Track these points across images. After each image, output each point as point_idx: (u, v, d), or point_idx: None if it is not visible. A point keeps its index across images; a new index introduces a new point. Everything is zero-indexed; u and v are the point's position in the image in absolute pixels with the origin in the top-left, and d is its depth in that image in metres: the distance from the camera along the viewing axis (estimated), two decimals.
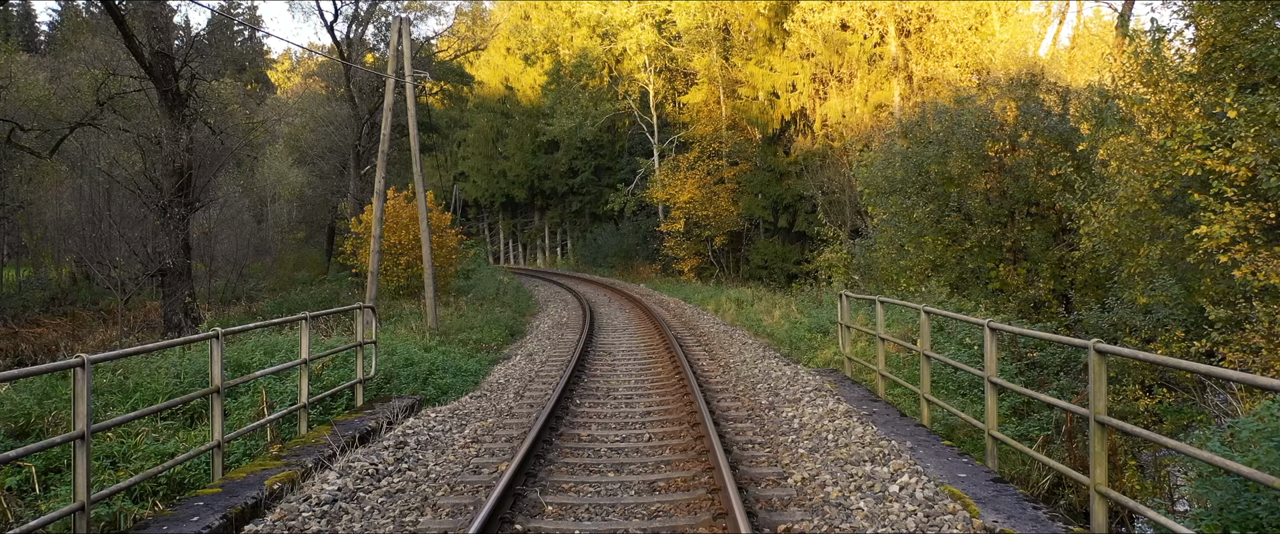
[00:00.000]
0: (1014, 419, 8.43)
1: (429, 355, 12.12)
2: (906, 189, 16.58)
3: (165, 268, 16.86)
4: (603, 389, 10.35)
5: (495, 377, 11.86)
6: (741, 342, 14.49)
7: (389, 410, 8.50)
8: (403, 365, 10.92)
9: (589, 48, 48.27)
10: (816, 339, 13.74)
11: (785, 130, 35.83)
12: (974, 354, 10.85)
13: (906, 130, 16.99)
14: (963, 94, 17.78)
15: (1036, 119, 15.82)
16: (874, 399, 8.77)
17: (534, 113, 52.78)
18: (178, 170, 16.75)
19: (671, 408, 9.00)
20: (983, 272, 15.87)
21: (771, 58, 35.14)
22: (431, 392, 10.14)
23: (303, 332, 7.43)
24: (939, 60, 30.10)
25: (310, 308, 23.10)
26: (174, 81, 16.41)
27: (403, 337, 14.39)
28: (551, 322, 19.94)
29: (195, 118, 17.28)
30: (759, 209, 36.24)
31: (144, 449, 7.20)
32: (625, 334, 16.56)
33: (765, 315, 18.23)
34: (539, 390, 10.42)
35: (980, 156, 15.94)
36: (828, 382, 9.75)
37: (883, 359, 9.05)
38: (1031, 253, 15.55)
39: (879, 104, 31.08)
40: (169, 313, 17.10)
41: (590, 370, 11.92)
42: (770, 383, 10.04)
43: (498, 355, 14.69)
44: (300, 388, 7.46)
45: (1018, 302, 15.05)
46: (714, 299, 23.27)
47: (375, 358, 9.38)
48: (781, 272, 34.85)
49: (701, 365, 12.08)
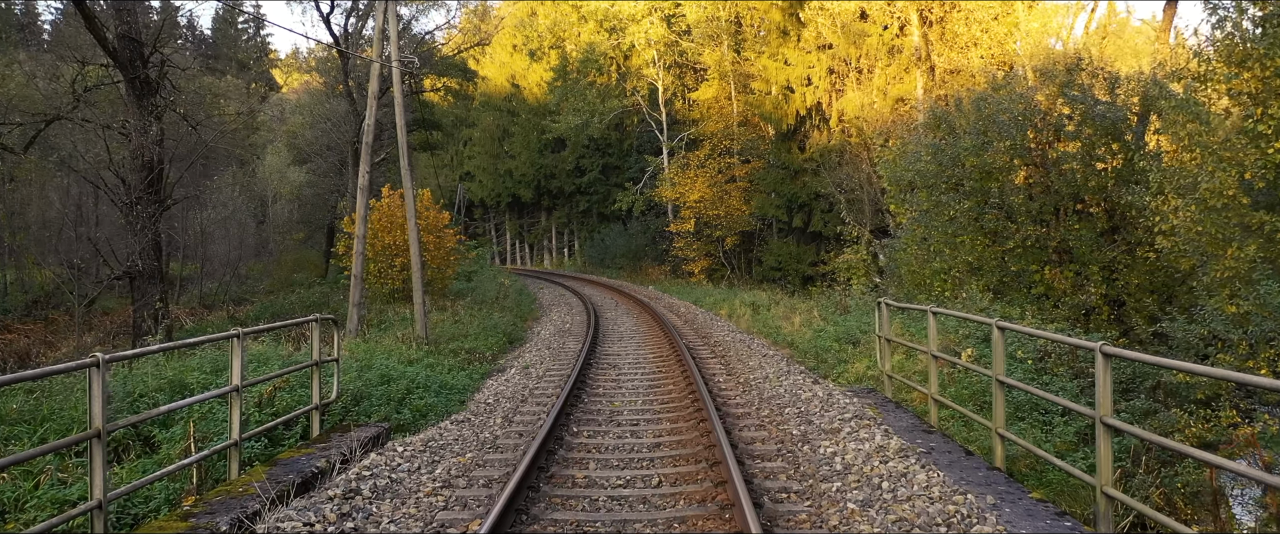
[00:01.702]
0: (1123, 458, 6.98)
1: (411, 370, 10.76)
2: (939, 184, 15.13)
3: (133, 270, 15.56)
4: (605, 413, 8.95)
5: (485, 395, 10.47)
6: (760, 353, 13.07)
7: (348, 443, 7.13)
8: (377, 383, 9.56)
9: (596, 43, 46.88)
10: (845, 351, 12.30)
11: (800, 126, 34.37)
12: (1031, 370, 9.42)
13: (939, 120, 15.53)
14: (995, 84, 16.30)
15: (1083, 106, 14.35)
16: (927, 429, 7.35)
17: (540, 110, 51.45)
18: (146, 165, 15.45)
19: (685, 439, 7.60)
20: (1026, 274, 14.40)
21: (786, 50, 33.67)
22: (407, 416, 8.75)
23: (233, 353, 6.05)
24: (963, 51, 28.63)
25: (299, 313, 21.84)
26: (142, 68, 15.11)
27: (387, 347, 13.05)
28: (553, 328, 18.57)
29: (167, 108, 15.98)
30: (772, 208, 34.77)
31: (40, 496, 5.88)
32: (632, 343, 15.17)
33: (784, 322, 16.80)
34: (531, 413, 9.04)
35: (1022, 148, 14.48)
36: (868, 405, 8.32)
37: (935, 381, 7.62)
38: (1079, 253, 14.08)
39: (899, 98, 29.61)
40: (138, 319, 15.81)
41: (592, 388, 10.53)
42: (800, 406, 8.61)
43: (492, 367, 13.32)
44: (231, 421, 6.08)
45: (1068, 308, 13.57)
46: (727, 303, 21.85)
47: (337, 378, 8.00)
48: (796, 273, 33.38)
49: (718, 382, 10.67)
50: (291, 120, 47.36)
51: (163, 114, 15.70)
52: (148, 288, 15.75)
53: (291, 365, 8.02)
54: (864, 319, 13.90)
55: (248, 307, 24.17)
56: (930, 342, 7.64)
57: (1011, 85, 15.18)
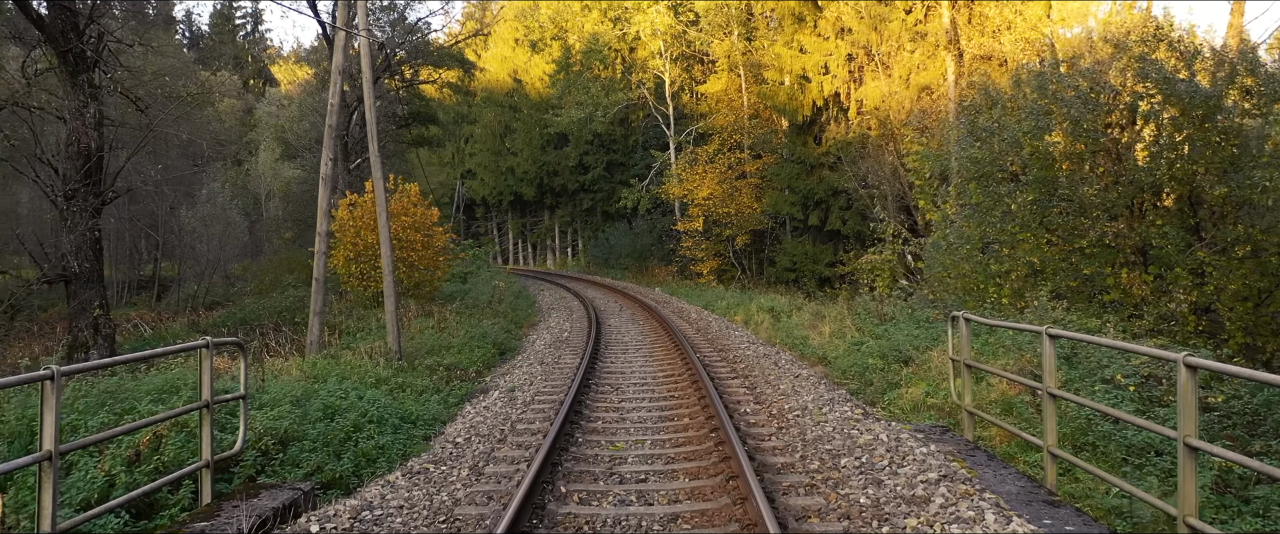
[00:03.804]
0: None
1: (371, 396, 8.73)
2: (994, 173, 13.07)
3: (68, 272, 13.60)
4: (603, 460, 6.94)
5: (457, 429, 8.46)
6: (791, 372, 11.03)
7: (244, 516, 5.12)
8: (317, 418, 7.54)
9: (600, 33, 44.86)
10: (894, 371, 10.24)
11: (817, 117, 32.30)
12: (1136, 400, 7.37)
13: (992, 100, 13.47)
14: (1054, 59, 14.22)
15: (1164, 83, 12.27)
16: (1049, 499, 5.30)
17: (542, 105, 49.51)
18: (83, 152, 13.48)
19: (713, 509, 5.57)
20: (1098, 278, 12.33)
21: (801, 37, 31.61)
22: (345, 467, 6.71)
23: (43, 400, 4.04)
24: (993, 36, 26.58)
25: (268, 319, 19.85)
26: (75, 40, 13.15)
27: (350, 365, 11.03)
28: (550, 337, 16.56)
29: (106, 88, 14.01)
30: (786, 205, 32.69)
31: None
32: (638, 357, 13.15)
33: (811, 331, 14.75)
34: (509, 460, 7.03)
35: (1092, 131, 12.41)
36: (951, 457, 6.28)
37: (1054, 429, 5.58)
38: (1164, 255, 12.00)
39: (924, 86, 27.54)
40: (76, 328, 13.84)
41: (588, 421, 8.51)
42: (860, 455, 6.58)
43: (474, 387, 11.31)
44: (41, 503, 4.07)
45: (1153, 318, 11.50)
46: (742, 308, 19.80)
47: (243, 423, 5.97)
48: (812, 275, 31.31)
49: (744, 413, 8.64)
50: (282, 114, 45.45)
51: (100, 94, 13.72)
52: (86, 293, 13.78)
53: (162, 413, 5.99)
54: (912, 332, 11.84)
55: (220, 310, 22.21)
56: (1047, 374, 5.60)
57: (1078, 59, 13.10)
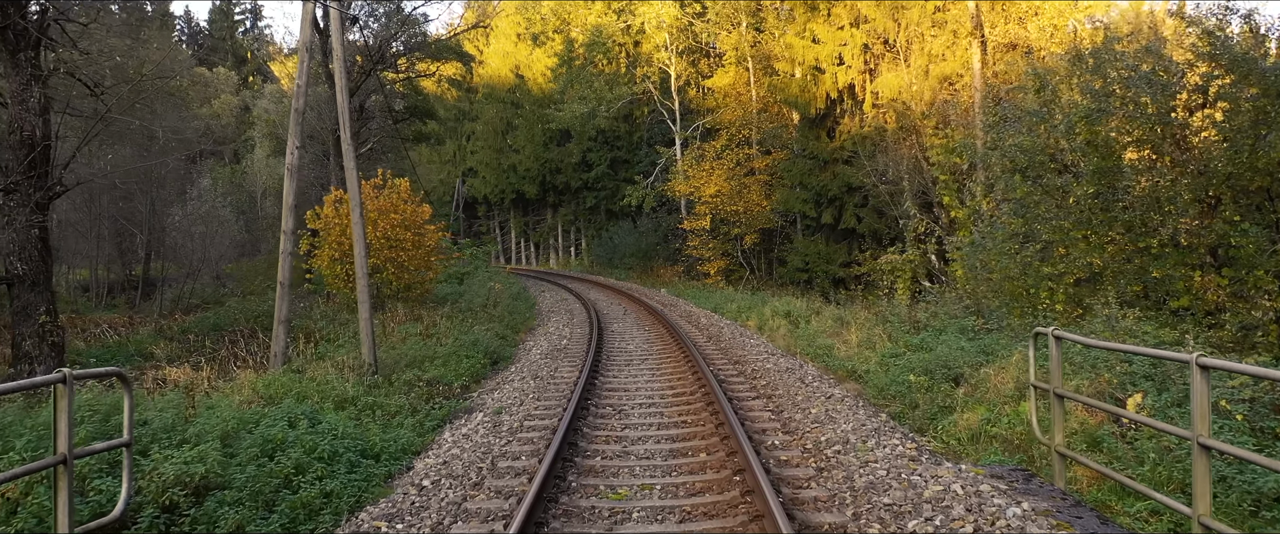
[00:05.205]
0: None
1: (324, 426, 7.30)
2: (1046, 164, 11.60)
3: (11, 274, 12.24)
4: (602, 517, 5.50)
5: (425, 468, 7.03)
6: (821, 391, 9.58)
7: None
8: (249, 459, 6.11)
9: (603, 26, 43.41)
10: (942, 390, 8.77)
11: (831, 111, 30.82)
12: None
13: (1041, 81, 12.00)
14: (1114, 36, 12.74)
15: (1239, 62, 10.80)
16: None
17: (544, 101, 48.08)
18: (27, 141, 12.10)
19: None
20: (1168, 282, 10.86)
21: (814, 26, 30.16)
22: (273, 526, 5.29)
23: None
24: (1019, 23, 25.11)
25: (243, 323, 18.47)
26: (15, 15, 11.77)
27: (313, 381, 9.61)
28: (548, 344, 15.15)
29: (54, 71, 12.62)
30: (798, 203, 31.21)
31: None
32: (644, 370, 11.72)
33: (835, 340, 13.30)
34: (481, 516, 5.59)
35: (1161, 116, 10.94)
36: (1048, 517, 4.84)
37: (1208, 491, 4.13)
38: (1243, 255, 10.53)
39: (944, 77, 26.05)
40: (18, 336, 12.47)
41: (585, 458, 7.08)
42: (931, 516, 5.12)
43: (457, 406, 9.87)
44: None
45: (1234, 327, 10.03)
46: (754, 312, 18.36)
47: (127, 480, 4.52)
48: (825, 275, 29.83)
49: (773, 446, 7.20)
50: (277, 109, 44.15)
51: (47, 77, 12.34)
52: (29, 296, 12.40)
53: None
54: (958, 343, 10.35)
55: (197, 314, 20.84)
56: (1197, 418, 4.15)
57: (1137, 35, 11.63)
